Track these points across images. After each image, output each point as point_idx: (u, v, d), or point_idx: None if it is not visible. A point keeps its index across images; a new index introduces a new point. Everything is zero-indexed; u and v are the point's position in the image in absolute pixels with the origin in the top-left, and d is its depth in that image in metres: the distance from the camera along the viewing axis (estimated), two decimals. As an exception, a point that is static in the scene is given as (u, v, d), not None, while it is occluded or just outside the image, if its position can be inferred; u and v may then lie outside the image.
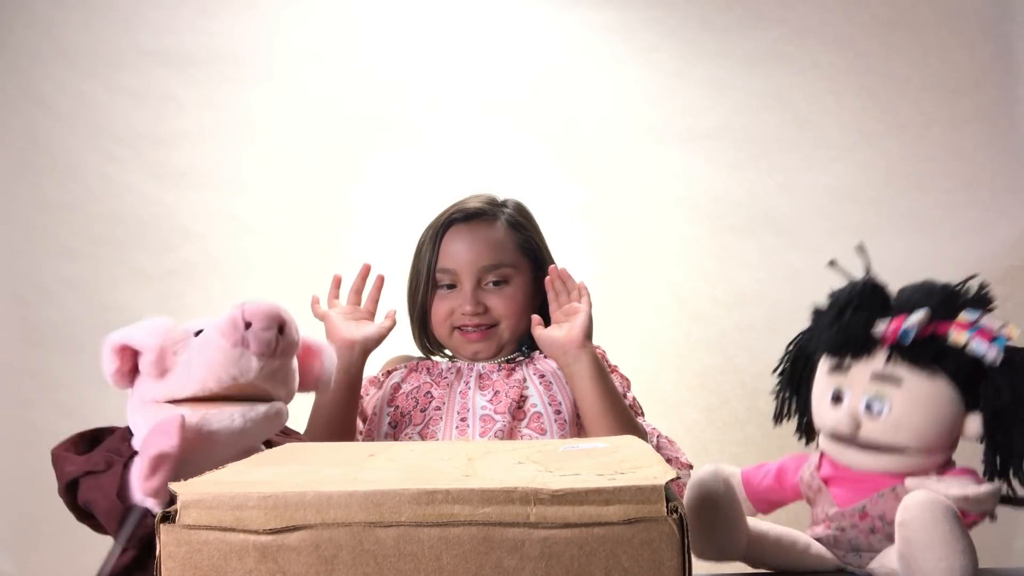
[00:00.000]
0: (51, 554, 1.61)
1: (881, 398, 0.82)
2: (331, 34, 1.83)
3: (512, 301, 1.23)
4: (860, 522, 0.83)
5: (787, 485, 0.94)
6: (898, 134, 1.77)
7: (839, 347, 0.86)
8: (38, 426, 1.67)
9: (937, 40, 1.78)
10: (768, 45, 1.83)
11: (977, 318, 0.82)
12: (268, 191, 1.79)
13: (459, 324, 1.22)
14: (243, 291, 1.73)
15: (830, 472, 0.88)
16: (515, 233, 1.25)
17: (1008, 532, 1.62)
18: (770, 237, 1.77)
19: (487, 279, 1.22)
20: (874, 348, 0.84)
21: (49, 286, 1.71)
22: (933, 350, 0.82)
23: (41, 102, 1.74)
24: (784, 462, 0.95)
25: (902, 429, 0.81)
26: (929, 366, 0.81)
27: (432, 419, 1.16)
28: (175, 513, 0.52)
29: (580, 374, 1.12)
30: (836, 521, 0.85)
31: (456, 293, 1.22)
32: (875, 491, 0.83)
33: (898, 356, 0.83)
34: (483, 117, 1.84)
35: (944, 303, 0.84)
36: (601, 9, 1.86)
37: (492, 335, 1.23)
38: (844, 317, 0.86)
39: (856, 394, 0.84)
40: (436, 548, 0.50)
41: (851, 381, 0.85)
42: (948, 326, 0.82)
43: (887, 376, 0.82)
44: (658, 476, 0.53)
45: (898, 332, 0.82)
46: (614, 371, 1.25)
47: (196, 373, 0.78)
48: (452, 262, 1.22)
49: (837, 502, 0.86)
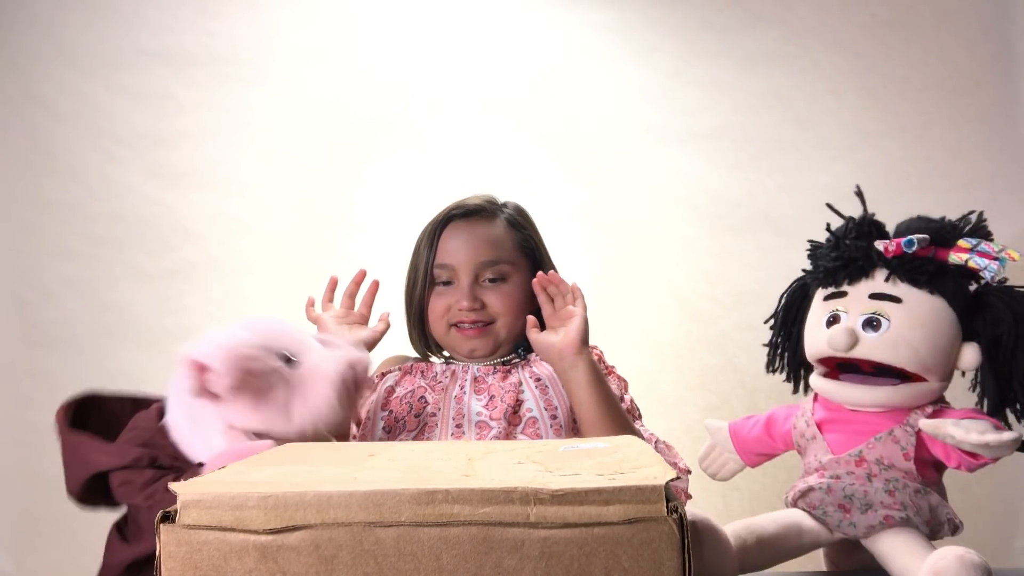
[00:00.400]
0: (51, 554, 1.61)
1: (880, 315, 0.81)
2: (331, 34, 1.83)
3: (509, 299, 1.22)
4: (856, 468, 0.82)
5: (776, 434, 0.92)
6: (898, 134, 1.77)
7: (837, 271, 0.85)
8: (38, 426, 1.66)
9: (937, 40, 1.78)
10: (768, 45, 1.83)
11: (976, 244, 0.82)
12: (268, 191, 1.79)
13: (456, 320, 1.21)
14: (243, 291, 1.75)
15: (824, 415, 0.86)
16: (514, 232, 1.25)
17: (1008, 532, 1.63)
18: (770, 237, 1.77)
19: (485, 275, 1.21)
20: (873, 269, 0.83)
21: (49, 286, 1.71)
22: (933, 269, 0.81)
23: (41, 102, 1.74)
24: (774, 412, 0.94)
25: (900, 346, 0.80)
26: (929, 285, 0.81)
27: (427, 425, 1.14)
28: (175, 513, 0.52)
29: (577, 380, 1.11)
30: (830, 469, 0.83)
31: (453, 289, 1.22)
32: (872, 435, 0.82)
33: (898, 275, 0.82)
34: (483, 117, 1.84)
35: (943, 231, 0.84)
36: (601, 9, 1.86)
37: (488, 332, 1.21)
38: (844, 242, 0.86)
39: (854, 314, 0.83)
40: (436, 548, 0.50)
41: (849, 303, 0.84)
42: (948, 252, 0.82)
43: (886, 294, 0.82)
44: (658, 476, 0.53)
45: (901, 243, 0.81)
46: (611, 372, 1.24)
47: (297, 421, 0.81)
48: (450, 257, 1.22)
49: (832, 449, 0.84)
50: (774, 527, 0.81)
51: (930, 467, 0.82)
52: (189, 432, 0.83)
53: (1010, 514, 1.63)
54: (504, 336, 1.22)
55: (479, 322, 1.21)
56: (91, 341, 1.70)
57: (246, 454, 0.75)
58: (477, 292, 1.21)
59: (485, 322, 1.21)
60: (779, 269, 1.84)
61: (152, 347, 1.70)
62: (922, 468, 0.81)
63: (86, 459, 0.81)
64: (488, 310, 1.21)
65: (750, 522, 0.81)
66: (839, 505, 0.81)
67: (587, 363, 1.11)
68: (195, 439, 0.83)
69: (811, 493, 0.82)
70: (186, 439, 0.83)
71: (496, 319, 1.22)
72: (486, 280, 1.22)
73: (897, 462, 0.81)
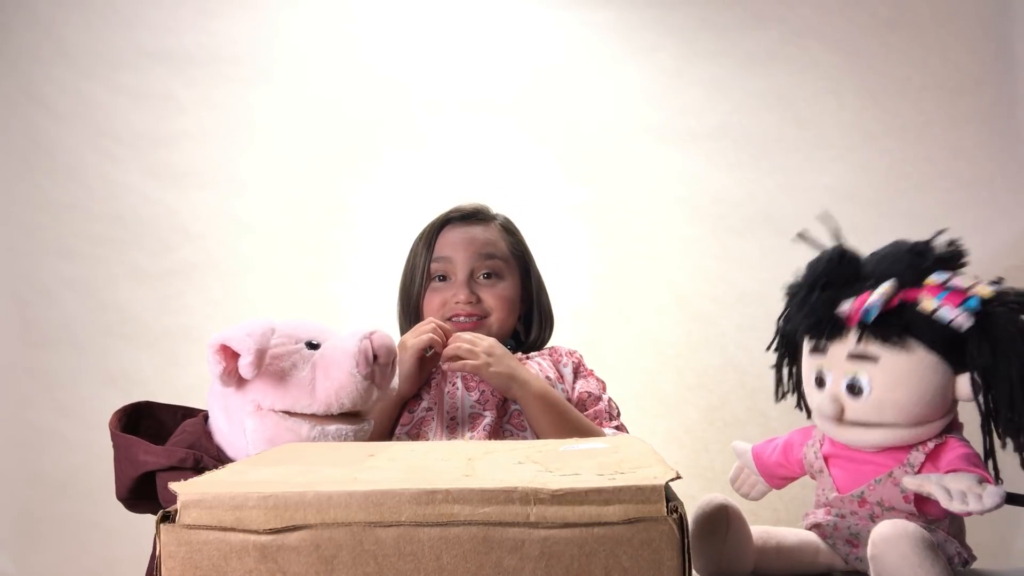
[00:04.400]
0: (51, 554, 1.61)
1: (860, 378, 0.80)
2: (331, 34, 1.83)
3: (503, 296, 1.26)
4: (859, 508, 0.82)
5: (793, 460, 0.92)
6: (898, 134, 1.77)
7: (810, 329, 0.84)
8: (38, 426, 1.67)
9: (937, 40, 1.78)
10: (768, 45, 1.83)
11: (946, 280, 0.79)
12: (268, 191, 1.79)
13: (452, 314, 1.24)
14: (243, 291, 1.75)
15: (831, 449, 0.86)
16: (507, 236, 1.30)
17: (1008, 532, 1.62)
18: (770, 237, 1.77)
19: (480, 270, 1.25)
20: (845, 329, 0.82)
21: (49, 286, 1.71)
22: (902, 323, 0.79)
23: (41, 102, 1.74)
24: (791, 436, 0.93)
25: (886, 407, 0.79)
26: (901, 339, 0.78)
27: (423, 420, 1.17)
28: (175, 513, 0.52)
29: (522, 404, 1.14)
30: (836, 507, 0.83)
31: (450, 285, 1.25)
32: (874, 474, 0.81)
33: (869, 334, 0.80)
34: (483, 117, 1.84)
35: (912, 267, 0.81)
36: (601, 9, 1.86)
37: (482, 326, 1.24)
38: (812, 297, 0.84)
39: (836, 376, 0.82)
40: (436, 548, 0.50)
41: (830, 362, 0.83)
42: (918, 292, 0.79)
43: (862, 355, 0.80)
44: (658, 476, 0.53)
45: (859, 312, 0.79)
46: (590, 375, 1.26)
47: (322, 396, 0.84)
48: (448, 250, 1.25)
49: (837, 486, 0.84)
50: (794, 539, 0.82)
51: (933, 504, 0.81)
52: (227, 428, 0.86)
53: (1010, 514, 1.62)
54: (496, 331, 1.25)
55: (474, 315, 1.24)
56: (91, 341, 1.70)
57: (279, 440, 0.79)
58: (473, 287, 1.25)
59: (480, 316, 1.25)
60: (779, 269, 1.84)
61: (152, 347, 1.70)
62: (924, 506, 0.80)
63: (135, 459, 0.84)
64: (483, 304, 1.25)
65: (772, 528, 0.82)
66: (847, 540, 0.82)
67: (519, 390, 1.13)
68: (232, 433, 0.85)
69: (821, 527, 0.84)
70: (226, 437, 0.86)
71: (490, 314, 1.25)
72: (481, 276, 1.25)
73: (898, 504, 0.80)
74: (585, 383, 1.24)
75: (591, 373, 1.27)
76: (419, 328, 1.19)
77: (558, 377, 1.23)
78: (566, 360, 1.26)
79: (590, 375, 1.27)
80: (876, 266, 0.83)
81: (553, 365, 1.25)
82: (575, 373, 1.25)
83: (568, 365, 1.26)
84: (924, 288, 0.79)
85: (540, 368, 1.22)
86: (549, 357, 1.26)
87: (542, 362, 1.24)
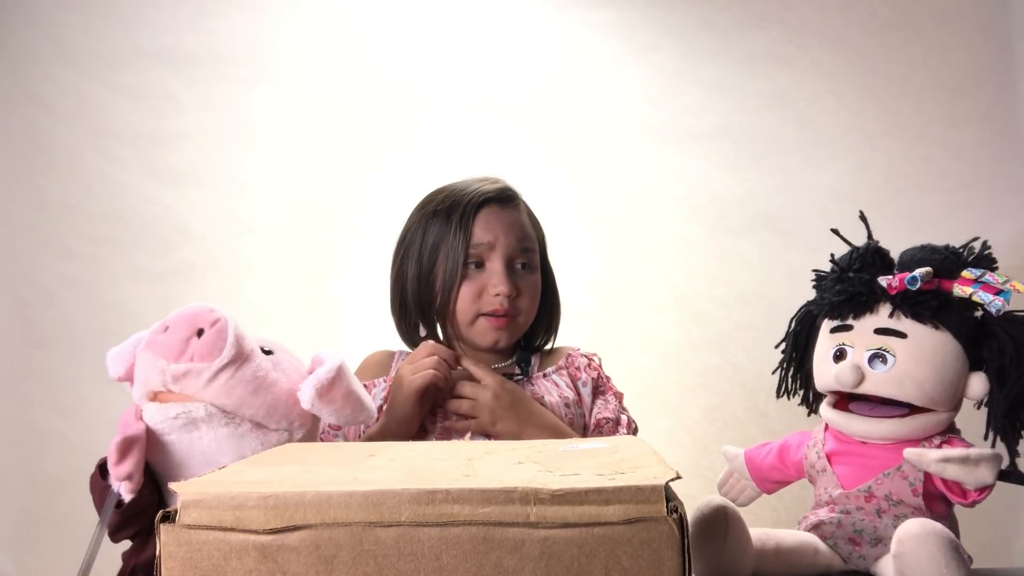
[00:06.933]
0: (51, 554, 1.61)
1: (885, 351, 0.82)
2: (331, 34, 1.83)
3: (534, 290, 1.17)
4: (866, 504, 0.82)
5: (789, 463, 0.92)
6: (898, 134, 1.77)
7: (842, 305, 0.86)
8: (38, 426, 1.67)
9: (937, 40, 1.78)
10: (768, 45, 1.83)
11: (980, 275, 0.82)
12: (268, 191, 1.79)
13: (488, 310, 1.12)
14: (243, 291, 1.74)
15: (834, 447, 0.86)
16: (533, 222, 1.22)
17: (1008, 532, 1.62)
18: (770, 237, 1.77)
19: (518, 259, 1.15)
20: (877, 304, 0.84)
21: (49, 286, 1.71)
22: (937, 303, 0.81)
23: (41, 102, 1.74)
24: (787, 439, 0.94)
25: (906, 382, 0.81)
26: (933, 320, 0.81)
27: (424, 421, 1.11)
28: (175, 513, 0.52)
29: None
30: (840, 503, 0.83)
31: (485, 274, 1.13)
32: (881, 469, 0.82)
33: (902, 311, 0.82)
34: (483, 117, 1.83)
35: (946, 262, 0.84)
36: (601, 9, 1.86)
37: (512, 325, 1.15)
38: (847, 275, 0.86)
39: (860, 349, 0.83)
40: (436, 548, 0.50)
41: (854, 337, 0.84)
42: (952, 283, 0.82)
43: (891, 329, 0.82)
44: (658, 476, 0.52)
45: (905, 280, 0.82)
46: (609, 391, 1.19)
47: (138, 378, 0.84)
48: (488, 235, 1.13)
49: (842, 483, 0.84)
50: (793, 540, 0.82)
51: (939, 501, 0.82)
52: None
53: (1010, 514, 1.63)
54: (519, 332, 1.17)
55: (510, 312, 1.13)
56: (91, 341, 1.70)
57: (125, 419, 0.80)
58: (512, 278, 1.13)
59: (513, 315, 1.14)
60: (779, 269, 1.86)
61: (152, 347, 1.70)
62: (931, 502, 0.81)
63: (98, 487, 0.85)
64: (520, 298, 1.14)
65: (770, 530, 0.82)
66: (849, 539, 0.82)
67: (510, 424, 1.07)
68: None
69: (822, 526, 0.83)
70: None
71: (520, 314, 1.15)
72: (519, 265, 1.15)
73: (906, 498, 0.81)
74: (604, 405, 1.16)
75: (610, 388, 1.20)
76: (419, 362, 1.07)
77: (576, 399, 1.15)
78: (585, 377, 1.18)
79: (609, 391, 1.19)
80: (911, 258, 0.86)
81: (571, 382, 1.17)
82: (594, 392, 1.17)
83: (588, 384, 1.17)
84: (959, 279, 0.82)
85: (557, 388, 1.15)
86: (566, 371, 1.18)
87: (559, 380, 1.17)
